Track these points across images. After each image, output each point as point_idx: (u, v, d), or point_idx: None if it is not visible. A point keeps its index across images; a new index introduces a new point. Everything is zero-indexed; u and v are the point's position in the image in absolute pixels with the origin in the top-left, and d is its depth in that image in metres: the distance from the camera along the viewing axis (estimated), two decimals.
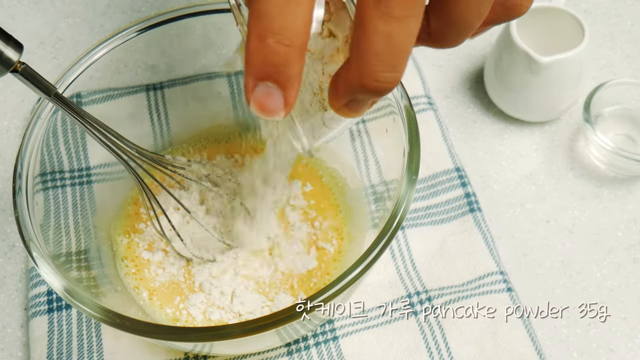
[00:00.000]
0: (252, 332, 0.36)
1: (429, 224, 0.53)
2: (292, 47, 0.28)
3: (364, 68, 0.28)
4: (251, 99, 0.29)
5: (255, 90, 0.29)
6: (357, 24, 0.28)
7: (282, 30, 0.27)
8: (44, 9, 0.69)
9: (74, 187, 0.49)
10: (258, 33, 0.27)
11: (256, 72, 0.28)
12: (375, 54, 0.28)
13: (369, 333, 0.48)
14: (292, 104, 0.29)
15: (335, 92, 0.30)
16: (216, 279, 0.48)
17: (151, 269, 0.49)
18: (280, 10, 0.27)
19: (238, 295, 0.47)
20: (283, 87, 0.28)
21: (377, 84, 0.29)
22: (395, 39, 0.27)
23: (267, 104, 0.29)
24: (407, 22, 0.27)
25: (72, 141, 0.49)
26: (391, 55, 0.28)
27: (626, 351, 0.49)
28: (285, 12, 0.27)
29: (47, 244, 0.42)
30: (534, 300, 0.51)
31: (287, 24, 0.27)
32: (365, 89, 0.29)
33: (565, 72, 0.55)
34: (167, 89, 0.56)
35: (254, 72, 0.28)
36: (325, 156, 0.54)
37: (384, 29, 0.27)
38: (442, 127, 0.58)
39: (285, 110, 0.29)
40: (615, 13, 0.68)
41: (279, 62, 0.28)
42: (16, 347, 0.49)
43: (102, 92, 0.52)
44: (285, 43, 0.27)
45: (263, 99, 0.29)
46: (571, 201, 0.56)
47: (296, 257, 0.49)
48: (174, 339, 0.37)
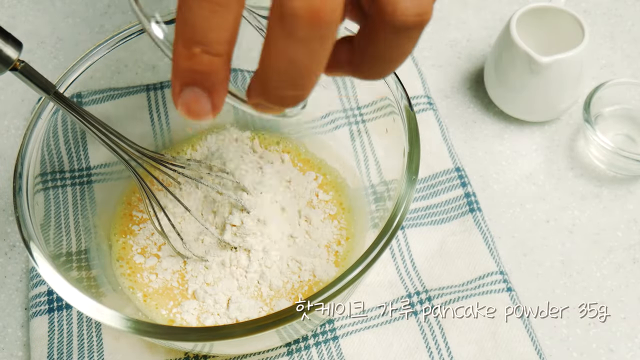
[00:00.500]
0: (253, 332, 0.36)
1: (429, 224, 0.53)
2: (217, 56, 0.28)
3: (266, 82, 0.28)
4: (178, 102, 0.29)
5: (182, 93, 0.29)
6: (265, 39, 0.27)
7: (207, 40, 0.27)
8: (44, 9, 0.69)
9: (74, 187, 0.49)
10: (184, 41, 0.28)
11: (183, 77, 0.28)
12: (277, 72, 0.28)
13: (369, 333, 0.48)
14: (220, 107, 0.30)
15: (248, 91, 0.30)
16: (211, 287, 0.47)
17: (144, 274, 0.49)
18: (206, 20, 0.27)
19: (234, 301, 0.47)
20: (209, 93, 0.29)
21: (278, 99, 0.29)
22: (297, 60, 0.27)
23: (194, 107, 0.29)
24: (311, 44, 0.26)
25: (73, 141, 0.49)
26: (293, 75, 0.28)
27: (626, 351, 0.49)
28: (211, 22, 0.27)
29: (47, 244, 0.42)
30: (534, 300, 0.51)
31: (213, 35, 0.27)
32: (268, 100, 0.29)
33: (565, 72, 0.55)
34: (167, 89, 0.56)
35: (181, 77, 0.28)
36: (325, 156, 0.54)
37: (286, 49, 0.27)
38: (442, 127, 0.58)
39: (212, 113, 0.30)
40: (615, 13, 0.68)
41: (205, 70, 0.28)
42: (16, 347, 0.49)
43: (102, 92, 0.52)
44: (211, 52, 0.27)
45: (190, 103, 0.29)
46: (571, 201, 0.56)
47: (316, 262, 0.49)
48: (175, 339, 0.37)
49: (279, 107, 0.30)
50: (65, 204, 0.48)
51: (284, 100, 0.29)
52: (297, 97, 0.29)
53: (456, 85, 0.63)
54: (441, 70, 0.64)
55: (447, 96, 0.62)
